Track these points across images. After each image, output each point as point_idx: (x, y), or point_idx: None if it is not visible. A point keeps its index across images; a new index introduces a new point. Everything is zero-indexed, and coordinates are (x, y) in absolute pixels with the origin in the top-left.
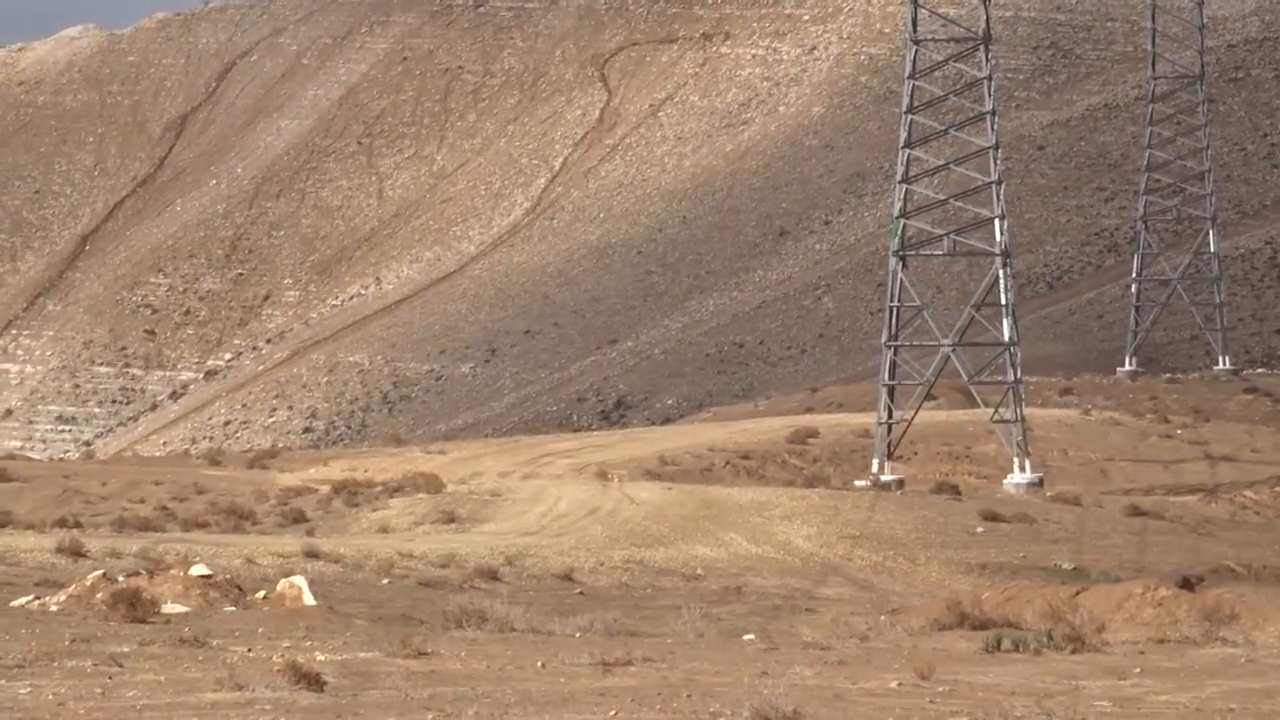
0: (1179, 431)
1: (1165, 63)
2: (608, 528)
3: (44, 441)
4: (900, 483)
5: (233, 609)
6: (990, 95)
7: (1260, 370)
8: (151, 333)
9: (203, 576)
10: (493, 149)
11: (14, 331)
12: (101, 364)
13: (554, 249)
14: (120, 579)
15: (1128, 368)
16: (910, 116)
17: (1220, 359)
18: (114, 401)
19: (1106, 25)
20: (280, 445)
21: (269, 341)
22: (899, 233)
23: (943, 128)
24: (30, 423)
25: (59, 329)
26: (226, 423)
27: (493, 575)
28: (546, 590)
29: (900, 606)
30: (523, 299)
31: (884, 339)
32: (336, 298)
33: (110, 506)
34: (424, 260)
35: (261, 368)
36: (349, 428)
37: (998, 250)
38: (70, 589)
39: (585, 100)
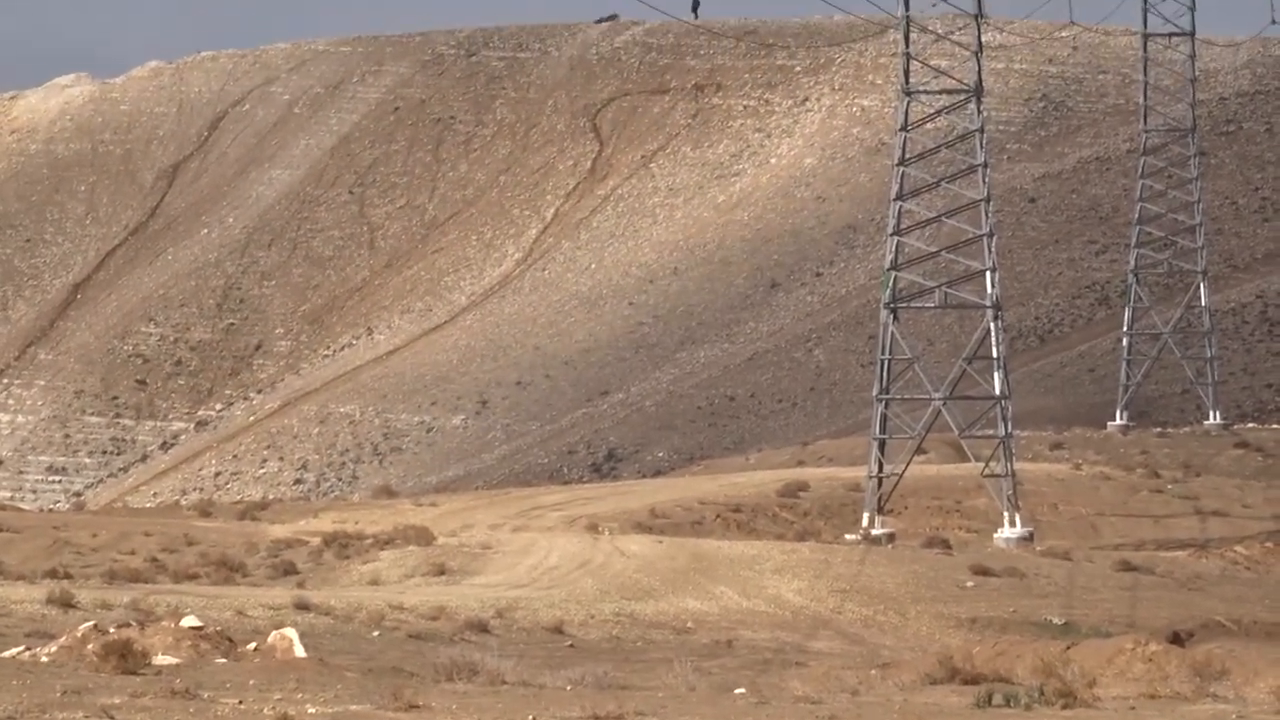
0: (1170, 486)
1: (1157, 115)
2: (598, 581)
3: (34, 491)
4: (891, 537)
5: (224, 661)
6: (982, 148)
7: (1251, 425)
8: (143, 382)
9: (194, 628)
10: (484, 199)
11: (5, 380)
12: (92, 414)
13: (545, 300)
14: (111, 630)
15: (1119, 422)
16: (902, 169)
17: (1211, 413)
18: (105, 452)
19: (1098, 78)
20: (271, 497)
21: (260, 392)
22: (890, 285)
23: (934, 180)
24: (20, 473)
25: (50, 378)
26: (217, 474)
27: (483, 628)
28: (537, 643)
29: (891, 661)
30: (514, 350)
31: (875, 392)
32: (328, 348)
33: (101, 558)
34: (415, 310)
35: (253, 418)
36: (340, 479)
37: (989, 303)
38: (61, 640)
39: (577, 151)
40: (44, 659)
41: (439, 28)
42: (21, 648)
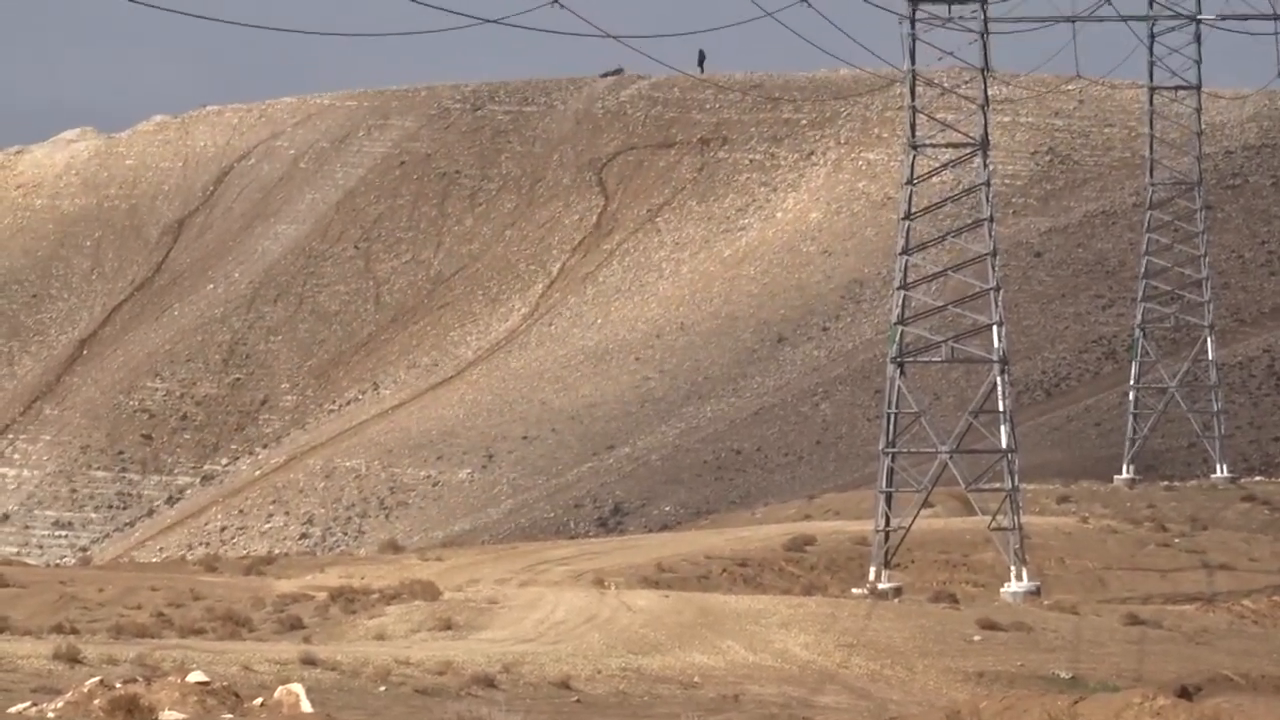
0: (1177, 540)
1: (1163, 169)
2: (605, 635)
3: (40, 547)
4: (898, 591)
5: (230, 716)
6: (988, 201)
7: (1258, 478)
8: (148, 437)
9: (200, 683)
10: (490, 253)
11: (10, 436)
12: (98, 469)
13: (551, 354)
14: (118, 686)
15: (1125, 475)
16: (908, 223)
17: (1218, 467)
18: (111, 507)
19: (1104, 131)
20: (277, 551)
21: (266, 447)
22: (897, 340)
23: (941, 234)
24: (27, 528)
25: (56, 433)
26: (223, 528)
27: (490, 683)
28: (544, 698)
29: (898, 715)
30: (520, 405)
31: (881, 446)
32: (334, 403)
33: (107, 613)
34: (421, 365)
35: (258, 473)
36: (345, 534)
37: (996, 357)
38: (68, 696)
39: (583, 205)
40: (50, 715)
41: (444, 82)
42: (28, 704)
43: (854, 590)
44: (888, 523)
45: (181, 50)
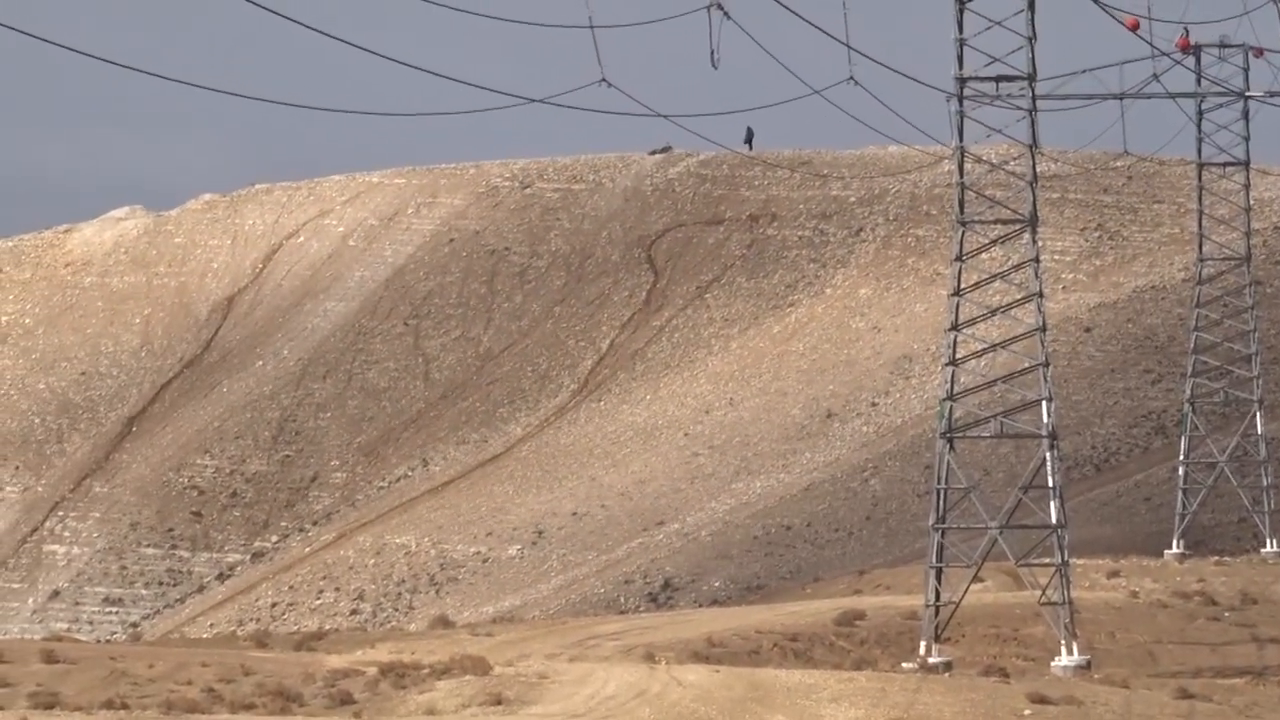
0: (1227, 614)
1: (1212, 244)
2: (655, 710)
3: (90, 623)
4: (948, 665)
5: None
6: (1038, 277)
7: None
8: (198, 514)
9: None
10: (539, 330)
11: (60, 513)
12: (148, 545)
13: (600, 430)
14: None
15: (1175, 549)
16: (957, 299)
17: (1268, 541)
18: (160, 583)
19: (1153, 208)
20: (327, 627)
21: (316, 523)
22: (946, 415)
23: (989, 310)
24: (77, 604)
25: (105, 510)
26: (274, 604)
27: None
28: None
29: None
30: (569, 481)
31: (931, 521)
32: (383, 479)
33: (158, 688)
34: (471, 442)
35: (308, 549)
36: (396, 609)
37: (1045, 432)
38: None
39: (632, 281)
40: None
41: (493, 160)
42: None
43: (904, 665)
44: (938, 597)
45: (229, 129)
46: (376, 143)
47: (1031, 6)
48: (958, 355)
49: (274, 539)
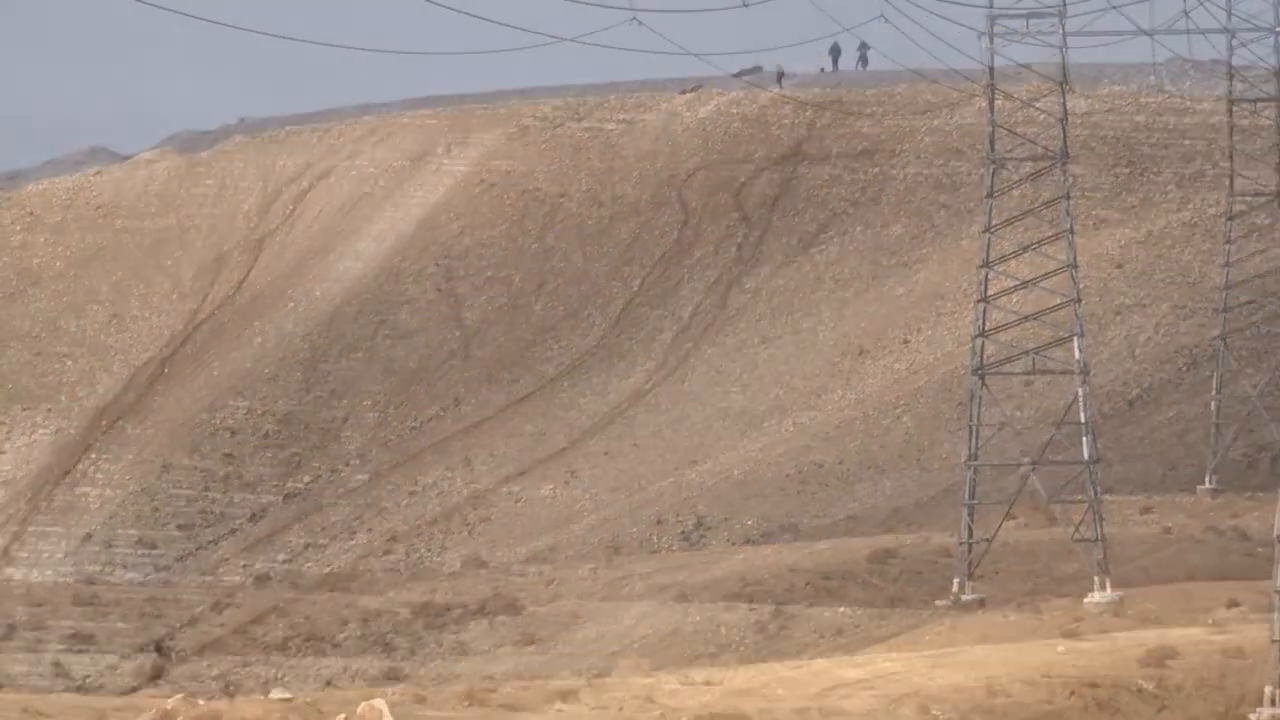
0: (1259, 549)
1: (1243, 180)
2: (688, 648)
3: (124, 565)
4: (981, 602)
5: None
6: (1068, 214)
7: None
8: (230, 455)
9: (283, 700)
10: (570, 269)
11: (93, 455)
12: (181, 487)
13: (632, 368)
14: (201, 703)
15: (1208, 485)
16: (989, 235)
17: None
18: (193, 525)
19: (1184, 143)
20: (360, 568)
21: (348, 464)
22: (978, 352)
23: (1021, 247)
24: (110, 545)
25: (138, 452)
26: (306, 545)
27: (574, 697)
28: (628, 712)
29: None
30: (601, 419)
31: (964, 458)
32: (415, 419)
33: (192, 630)
34: (502, 381)
35: (341, 490)
36: (429, 549)
37: (1077, 369)
38: (150, 714)
39: (664, 220)
40: None
41: (524, 101)
42: None
43: (937, 602)
44: (970, 535)
45: (260, 70)
46: (406, 83)
47: None
48: (989, 291)
49: (306, 479)
